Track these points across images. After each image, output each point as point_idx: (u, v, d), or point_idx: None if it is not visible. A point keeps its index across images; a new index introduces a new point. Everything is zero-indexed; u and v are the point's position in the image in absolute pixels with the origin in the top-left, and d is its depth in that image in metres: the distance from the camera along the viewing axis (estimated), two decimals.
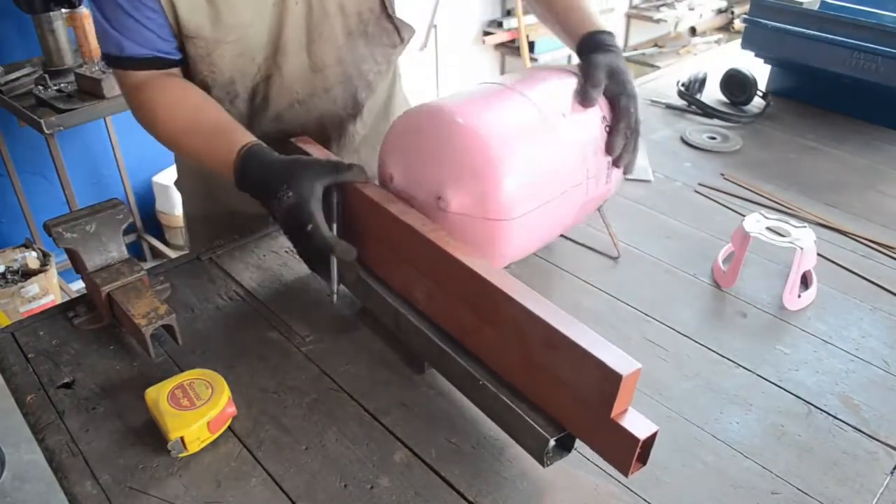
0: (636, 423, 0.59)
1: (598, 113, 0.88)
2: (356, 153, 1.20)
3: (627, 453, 0.59)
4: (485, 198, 0.77)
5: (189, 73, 0.98)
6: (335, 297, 0.80)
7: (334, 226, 0.81)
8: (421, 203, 0.82)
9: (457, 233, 0.78)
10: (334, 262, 0.79)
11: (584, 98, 0.86)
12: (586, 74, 0.89)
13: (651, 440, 0.59)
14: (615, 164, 0.88)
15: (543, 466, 0.65)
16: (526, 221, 0.80)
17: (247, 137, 0.85)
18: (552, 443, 0.64)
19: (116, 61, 0.92)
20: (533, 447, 0.66)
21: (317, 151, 0.91)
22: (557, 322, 0.62)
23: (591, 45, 0.95)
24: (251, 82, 1.01)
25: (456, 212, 0.79)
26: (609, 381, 0.58)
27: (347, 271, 0.81)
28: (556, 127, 0.83)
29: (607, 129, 0.88)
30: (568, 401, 0.63)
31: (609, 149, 0.87)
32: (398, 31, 1.06)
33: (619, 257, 1.04)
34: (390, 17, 1.03)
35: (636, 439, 0.58)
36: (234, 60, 0.96)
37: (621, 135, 0.87)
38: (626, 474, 0.60)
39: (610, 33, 0.97)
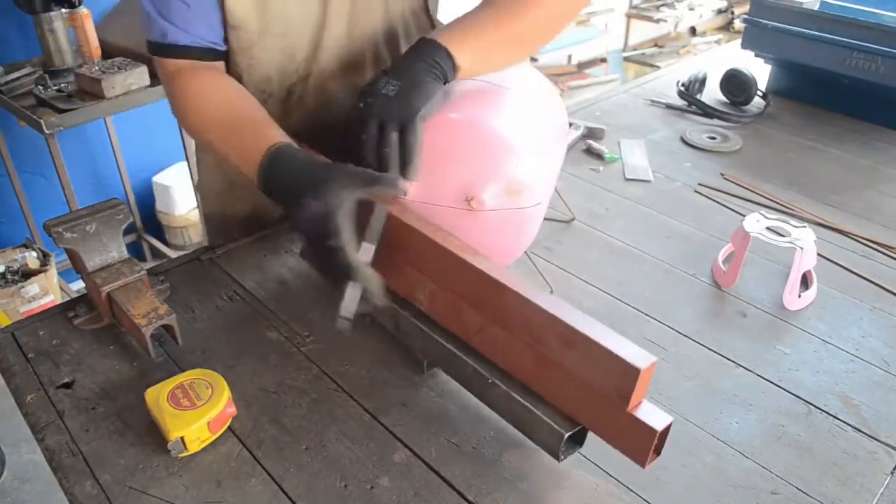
0: (652, 415, 0.60)
1: (542, 78, 0.91)
2: None
3: (645, 445, 0.60)
4: (517, 187, 0.76)
5: (227, 68, 0.96)
6: (344, 322, 0.71)
7: (369, 247, 0.74)
8: (443, 210, 0.78)
9: (488, 231, 0.77)
10: (354, 287, 0.71)
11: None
12: None
13: (666, 431, 0.60)
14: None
15: (558, 461, 0.66)
16: (545, 202, 0.81)
17: (278, 136, 0.80)
18: (566, 437, 0.65)
19: (159, 48, 0.90)
20: (547, 443, 0.67)
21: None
22: (573, 320, 0.62)
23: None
24: (288, 82, 0.99)
25: (490, 209, 0.76)
26: (627, 375, 0.59)
27: (372, 298, 0.72)
28: (532, 105, 0.86)
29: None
30: (582, 395, 0.64)
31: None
32: (432, 25, 1.05)
33: (574, 219, 1.12)
34: (430, 18, 1.02)
35: (654, 431, 0.59)
36: (274, 56, 0.95)
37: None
38: (643, 465, 0.61)
39: (424, 39, 0.78)
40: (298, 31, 0.94)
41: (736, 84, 1.54)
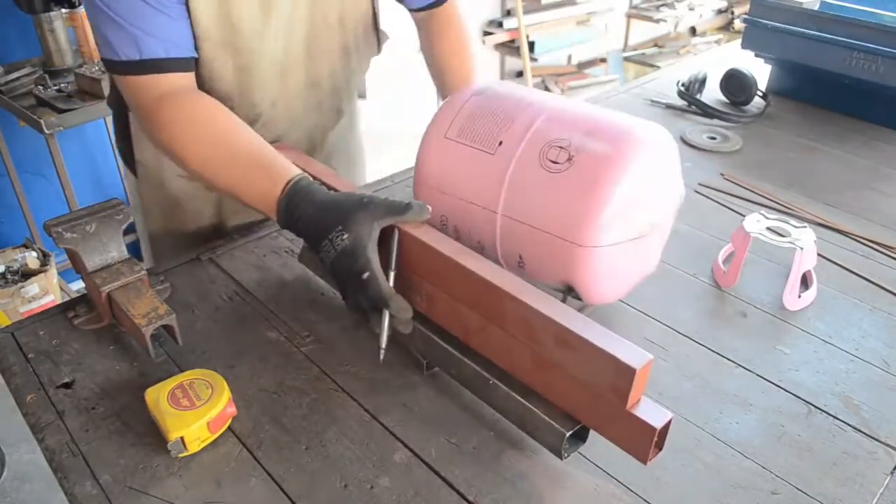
0: (651, 413, 0.61)
1: None
2: (328, 160, 1.19)
3: (645, 442, 0.61)
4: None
5: None
6: (383, 353, 0.73)
7: (391, 274, 0.74)
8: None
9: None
10: (387, 315, 0.72)
11: None
12: None
13: (666, 427, 0.60)
14: None
15: (561, 459, 0.67)
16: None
17: (291, 170, 0.79)
18: (568, 436, 0.65)
19: (134, 67, 0.81)
20: (549, 442, 0.67)
21: (296, 157, 0.91)
22: (568, 321, 0.63)
23: None
24: (254, 107, 0.98)
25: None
26: (623, 375, 0.59)
27: (400, 325, 0.73)
28: None
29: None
30: (581, 394, 0.64)
31: None
32: (379, 43, 1.06)
33: None
34: (377, 30, 1.03)
35: (653, 429, 0.59)
36: (233, 73, 0.93)
37: None
38: (644, 462, 0.62)
39: None
40: (259, 56, 0.92)
41: (736, 84, 1.54)
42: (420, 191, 0.87)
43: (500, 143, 0.80)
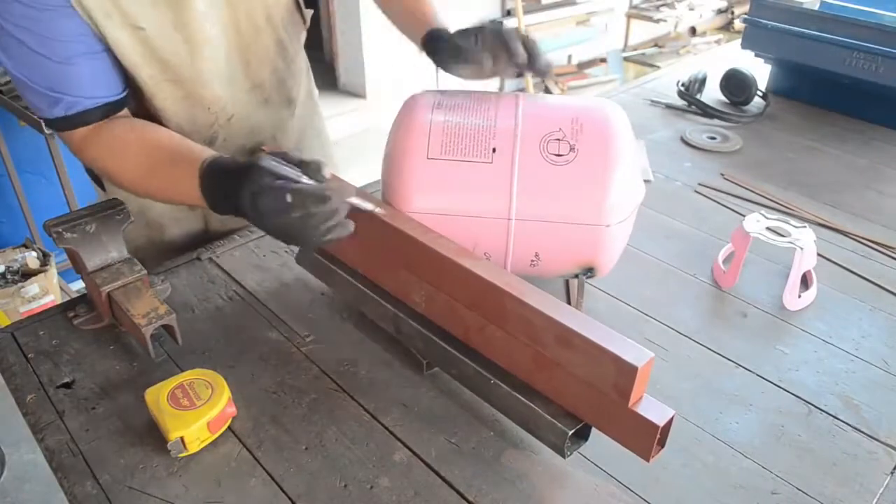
0: (653, 410, 0.61)
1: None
2: (301, 138, 1.17)
3: (648, 439, 0.61)
4: None
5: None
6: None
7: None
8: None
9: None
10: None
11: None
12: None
13: (668, 425, 0.61)
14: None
15: (564, 458, 0.67)
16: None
17: (204, 154, 0.79)
18: (570, 434, 0.66)
19: (64, 122, 0.83)
20: (551, 440, 0.67)
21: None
22: (569, 320, 0.63)
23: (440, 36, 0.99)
24: (207, 130, 0.97)
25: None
26: (625, 373, 0.59)
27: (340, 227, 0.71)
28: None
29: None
30: (583, 393, 0.64)
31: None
32: (304, 19, 1.04)
33: None
34: (299, 8, 1.01)
35: (655, 426, 0.60)
36: (179, 105, 0.92)
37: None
38: (647, 459, 0.62)
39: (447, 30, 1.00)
40: (186, 76, 0.90)
41: (736, 84, 1.54)
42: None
43: (494, 149, 0.78)
